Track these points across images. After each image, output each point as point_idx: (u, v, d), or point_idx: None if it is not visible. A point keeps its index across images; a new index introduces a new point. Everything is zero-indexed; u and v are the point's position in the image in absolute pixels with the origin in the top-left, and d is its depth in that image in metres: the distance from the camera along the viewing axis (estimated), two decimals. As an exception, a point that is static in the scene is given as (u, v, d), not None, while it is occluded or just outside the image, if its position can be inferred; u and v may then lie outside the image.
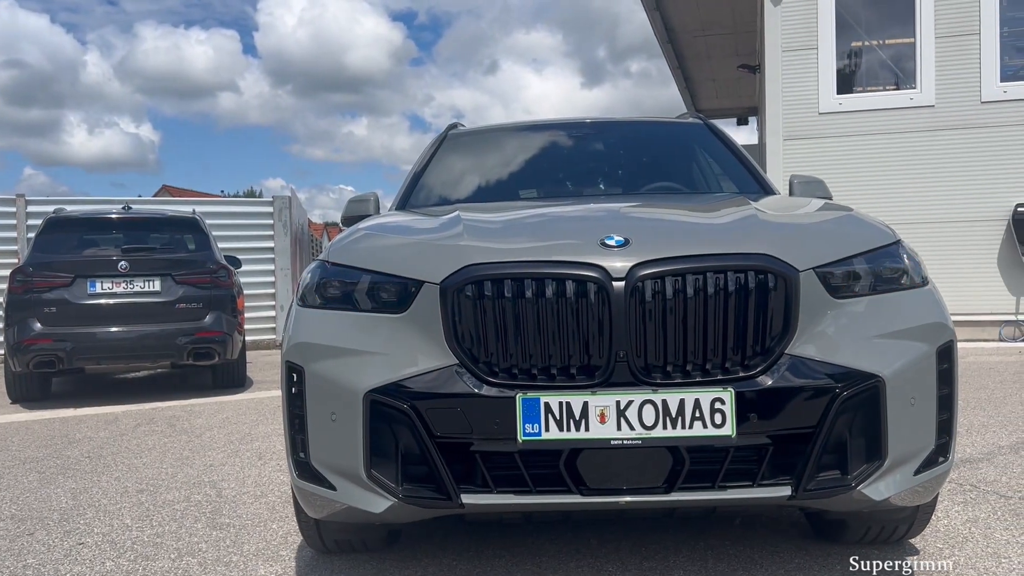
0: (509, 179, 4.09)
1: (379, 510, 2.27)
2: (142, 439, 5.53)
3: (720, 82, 18.50)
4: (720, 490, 2.17)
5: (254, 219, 12.81)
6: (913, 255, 2.53)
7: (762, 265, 2.20)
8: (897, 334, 2.30)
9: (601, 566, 2.74)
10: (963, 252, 9.75)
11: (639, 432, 2.11)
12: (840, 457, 2.21)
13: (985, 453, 4.20)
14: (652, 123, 4.56)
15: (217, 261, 7.81)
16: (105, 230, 8.05)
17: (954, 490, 3.52)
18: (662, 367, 2.16)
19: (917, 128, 10.01)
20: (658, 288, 2.16)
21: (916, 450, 2.28)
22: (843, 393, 2.16)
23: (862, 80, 10.75)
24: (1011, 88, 9.79)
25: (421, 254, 2.46)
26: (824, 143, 10.23)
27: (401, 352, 2.28)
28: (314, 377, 2.36)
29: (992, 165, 9.77)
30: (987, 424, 4.91)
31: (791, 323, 2.20)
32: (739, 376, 2.16)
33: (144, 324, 7.27)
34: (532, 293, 2.17)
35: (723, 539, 2.94)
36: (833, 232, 2.60)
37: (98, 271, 7.31)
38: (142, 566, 2.98)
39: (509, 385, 2.17)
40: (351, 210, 3.88)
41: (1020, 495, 3.42)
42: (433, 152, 4.22)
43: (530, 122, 4.65)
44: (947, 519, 3.13)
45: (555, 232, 2.61)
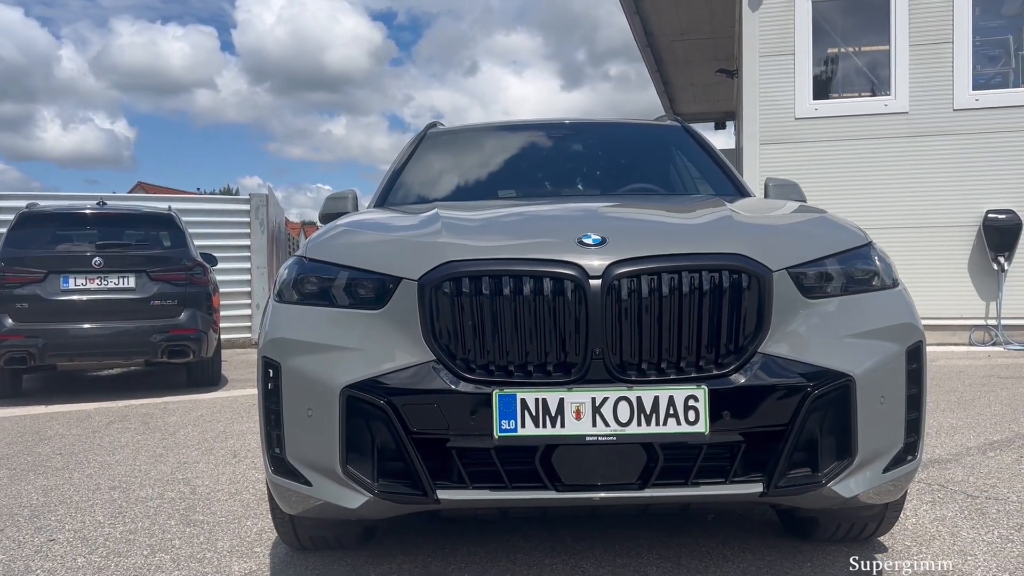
0: (488, 179, 4.10)
1: (355, 506, 2.28)
2: (115, 436, 5.48)
3: (698, 86, 18.64)
4: (693, 487, 2.20)
5: (231, 217, 12.73)
6: (884, 257, 2.58)
7: (736, 265, 2.23)
8: (868, 334, 2.34)
9: (576, 563, 2.76)
10: (935, 257, 9.90)
11: (614, 429, 2.13)
12: (811, 455, 2.24)
13: (953, 454, 4.27)
14: (630, 125, 4.60)
15: (193, 258, 7.76)
16: (79, 225, 7.96)
17: (922, 490, 3.58)
18: (637, 365, 2.18)
19: (891, 134, 10.15)
20: (634, 287, 2.18)
21: (885, 448, 2.32)
22: (814, 392, 2.19)
23: (838, 86, 10.88)
24: (983, 96, 9.95)
25: (399, 251, 2.47)
26: (800, 147, 10.35)
27: (378, 348, 2.29)
28: (290, 372, 2.36)
29: (964, 172, 9.93)
30: (956, 426, 5.00)
31: (764, 322, 2.23)
32: (713, 374, 2.19)
33: (118, 321, 7.20)
34: (510, 290, 2.19)
35: (695, 536, 2.97)
36: (806, 233, 2.64)
37: (71, 267, 7.23)
38: (114, 562, 2.96)
39: (486, 382, 2.19)
40: (329, 207, 3.87)
41: (986, 495, 3.49)
42: (412, 151, 4.22)
43: (510, 122, 4.67)
44: (915, 518, 3.19)
45: (533, 230, 2.63)
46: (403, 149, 4.31)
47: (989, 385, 6.72)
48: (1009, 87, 10.18)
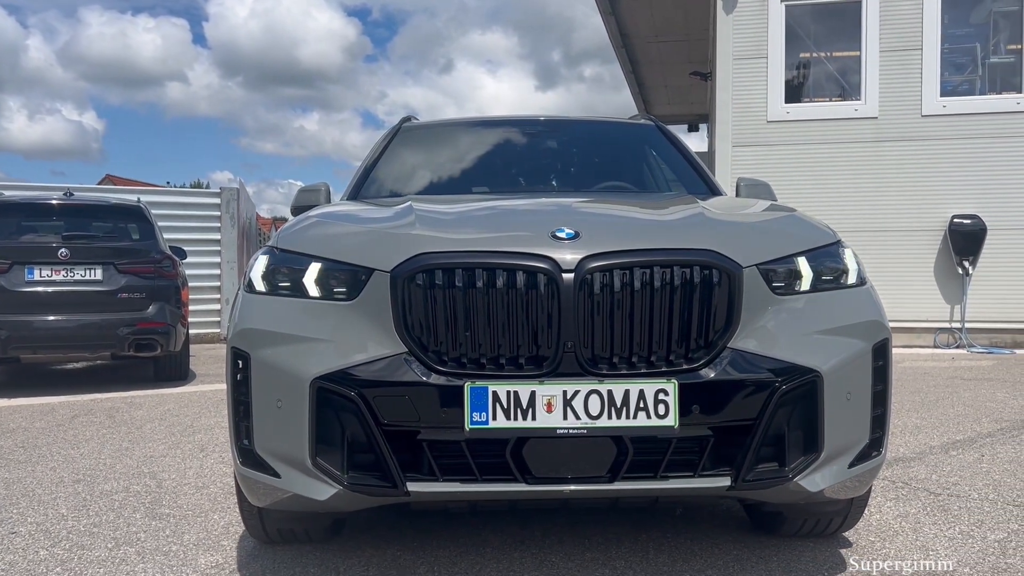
0: (462, 174, 4.09)
1: (324, 498, 2.26)
2: (79, 430, 5.39)
3: (672, 88, 18.76)
4: (662, 480, 2.22)
5: (201, 210, 12.58)
6: (853, 255, 2.62)
7: (707, 261, 2.25)
8: (835, 331, 2.38)
9: (544, 556, 2.77)
10: (901, 261, 10.05)
11: (585, 422, 2.14)
12: (778, 449, 2.27)
13: (917, 453, 4.34)
14: (605, 123, 4.61)
15: (162, 251, 7.66)
16: (45, 216, 7.83)
17: (887, 487, 3.63)
18: (608, 358, 2.20)
19: (861, 139, 10.29)
20: (607, 281, 2.19)
21: (851, 444, 2.36)
22: (782, 387, 2.22)
23: (809, 91, 11.01)
24: (950, 103, 10.12)
25: (372, 242, 2.46)
26: (771, 150, 10.45)
27: (349, 340, 2.28)
28: (260, 363, 2.34)
29: (930, 177, 10.09)
30: (920, 426, 5.08)
31: (734, 318, 2.26)
32: (683, 368, 2.20)
33: (84, 313, 7.08)
34: (483, 283, 2.19)
35: (664, 531, 3.00)
36: (776, 231, 2.67)
37: (37, 258, 7.10)
38: (77, 555, 2.91)
39: (457, 374, 2.19)
40: (301, 200, 3.84)
41: (949, 492, 3.55)
42: (386, 145, 4.20)
43: (485, 118, 4.67)
44: (879, 514, 3.24)
45: (507, 224, 2.63)
46: (377, 143, 4.29)
47: (952, 386, 6.84)
48: (976, 94, 10.36)
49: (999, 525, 3.08)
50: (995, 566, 2.66)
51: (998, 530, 3.03)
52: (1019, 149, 9.91)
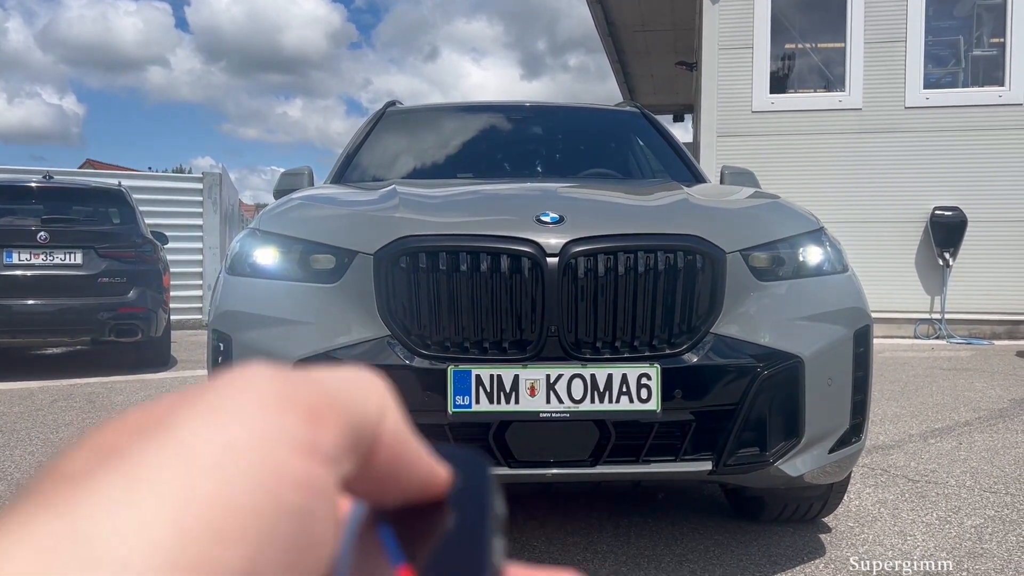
0: (446, 159, 4.08)
1: (305, 481, 2.25)
2: (59, 415, 5.35)
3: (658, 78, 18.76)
4: (644, 464, 2.22)
5: (183, 195, 12.47)
6: (835, 242, 2.63)
7: (691, 246, 2.25)
8: (817, 317, 2.39)
9: (527, 540, 2.77)
10: (883, 251, 10.11)
11: (567, 406, 2.14)
12: (759, 434, 2.28)
13: (896, 440, 4.38)
14: (591, 110, 4.61)
15: (143, 235, 7.59)
16: (24, 199, 7.72)
17: (866, 474, 3.66)
18: (592, 343, 2.20)
19: (844, 130, 10.33)
20: (591, 265, 2.19)
21: (831, 429, 2.37)
22: (764, 372, 2.23)
23: (794, 81, 11.04)
24: (933, 95, 10.18)
25: (355, 224, 2.44)
26: (756, 140, 10.48)
27: (332, 322, 2.27)
28: (242, 346, 2.32)
29: (913, 168, 10.15)
30: (899, 414, 5.13)
31: (717, 303, 2.26)
32: (665, 353, 2.21)
33: (64, 298, 7.01)
34: (466, 266, 2.18)
35: (645, 516, 3.01)
36: (760, 217, 2.68)
37: (15, 241, 7.01)
38: (56, 539, 2.89)
39: (441, 357, 2.18)
40: (284, 184, 3.81)
41: (927, 479, 3.59)
42: (370, 129, 4.18)
43: (470, 103, 4.64)
44: (859, 500, 3.26)
45: (491, 208, 2.62)
46: (361, 127, 4.27)
47: (932, 376, 6.90)
48: (959, 87, 10.42)
49: (976, 511, 3.12)
50: (971, 551, 2.69)
51: (975, 516, 3.06)
52: (1000, 142, 9.99)
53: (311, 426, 0.21)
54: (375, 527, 0.25)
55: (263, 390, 0.22)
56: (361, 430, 0.23)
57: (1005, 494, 3.34)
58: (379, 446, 0.24)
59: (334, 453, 0.22)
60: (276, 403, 0.21)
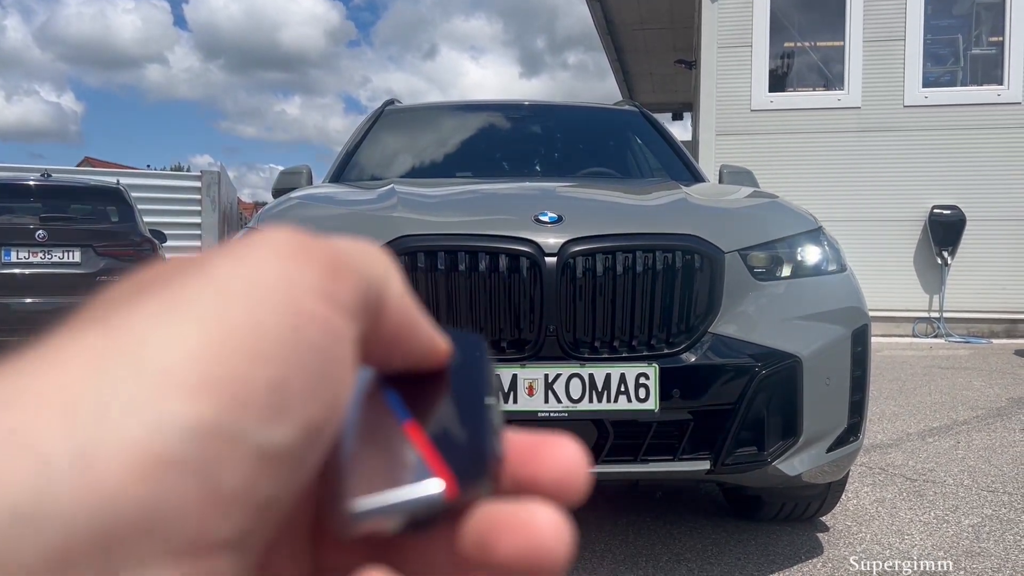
0: (445, 158, 4.08)
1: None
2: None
3: (657, 77, 18.76)
4: (642, 463, 2.23)
5: (181, 194, 12.49)
6: (833, 242, 2.63)
7: (690, 246, 2.25)
8: (815, 316, 2.39)
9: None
10: (882, 250, 10.12)
11: (566, 405, 2.15)
12: (757, 433, 2.28)
13: (894, 439, 4.38)
14: (589, 108, 4.61)
15: (141, 233, 7.59)
16: (23, 197, 7.72)
17: (864, 473, 3.67)
18: (590, 342, 2.20)
19: (843, 129, 10.34)
20: (589, 265, 2.19)
21: (829, 428, 2.38)
22: (762, 372, 2.23)
23: (793, 80, 11.03)
24: (932, 94, 10.18)
25: (353, 224, 2.44)
26: (755, 139, 10.48)
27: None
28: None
29: (912, 167, 10.15)
30: (897, 413, 5.13)
31: (715, 303, 2.26)
32: (664, 352, 2.21)
33: (62, 296, 7.00)
34: (465, 266, 2.19)
35: (643, 515, 3.01)
36: (758, 217, 2.68)
37: (14, 239, 7.01)
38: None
39: None
40: (283, 182, 3.82)
41: (924, 478, 3.59)
42: (369, 128, 4.18)
43: (468, 102, 4.64)
44: (856, 499, 3.27)
45: (489, 208, 2.62)
46: (360, 126, 4.27)
47: (930, 375, 6.91)
48: (957, 86, 10.42)
49: (973, 510, 3.13)
50: (969, 550, 2.70)
51: (972, 515, 3.07)
52: (999, 141, 9.99)
53: (329, 277, 0.23)
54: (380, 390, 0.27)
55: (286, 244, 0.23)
56: (370, 290, 0.24)
57: (1003, 493, 3.35)
58: (386, 310, 0.25)
59: (350, 306, 0.23)
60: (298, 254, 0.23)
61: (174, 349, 0.20)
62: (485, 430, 0.26)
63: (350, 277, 0.24)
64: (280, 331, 0.21)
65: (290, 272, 0.22)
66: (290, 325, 0.21)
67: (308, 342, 0.21)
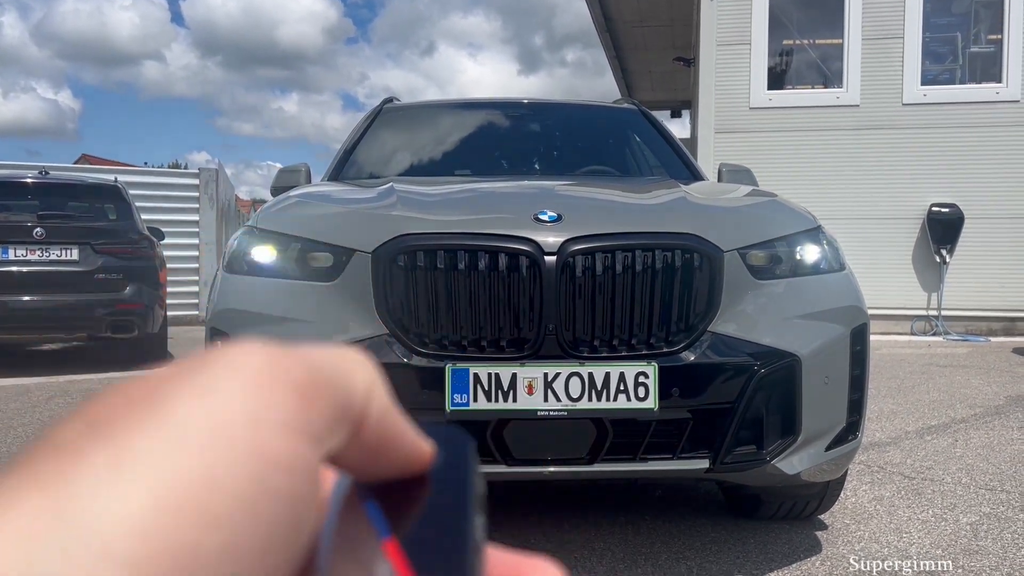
0: (444, 156, 4.07)
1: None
2: (56, 411, 5.34)
3: (656, 74, 18.75)
4: (641, 462, 2.23)
5: (179, 191, 12.45)
6: (832, 241, 2.63)
7: (689, 245, 2.26)
8: (814, 315, 2.39)
9: (524, 537, 2.78)
10: (880, 248, 10.12)
11: (565, 404, 2.15)
12: (756, 432, 2.29)
13: (893, 438, 4.39)
14: (588, 107, 4.61)
15: (139, 231, 7.57)
16: (20, 195, 7.71)
17: (862, 471, 3.67)
18: (589, 341, 2.20)
19: (842, 126, 10.34)
20: (588, 264, 2.19)
21: (828, 427, 2.38)
22: (761, 370, 2.23)
23: (792, 78, 11.03)
24: (930, 92, 10.18)
25: (353, 222, 2.45)
26: (754, 137, 10.48)
27: (330, 320, 2.27)
28: (240, 344, 2.32)
29: (910, 165, 10.16)
30: (896, 411, 5.14)
31: (714, 301, 2.27)
32: (663, 351, 2.21)
33: (60, 294, 7.00)
34: (464, 265, 2.19)
35: (642, 514, 3.02)
36: (757, 216, 2.68)
37: (11, 237, 6.99)
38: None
39: (439, 356, 2.18)
40: (281, 180, 3.81)
41: (923, 476, 3.60)
42: (367, 126, 4.17)
43: (467, 100, 4.64)
44: (855, 497, 3.27)
45: (489, 206, 2.62)
46: (358, 124, 4.26)
47: (928, 373, 6.92)
48: (956, 83, 10.42)
49: (971, 508, 3.13)
50: (967, 548, 2.70)
51: (970, 513, 3.07)
52: (997, 138, 10.00)
53: (300, 404, 0.22)
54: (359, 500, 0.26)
55: (254, 367, 0.22)
56: (349, 407, 0.23)
57: (1001, 491, 3.35)
58: (366, 422, 0.24)
59: (322, 431, 0.22)
60: (266, 381, 0.21)
61: (116, 517, 0.18)
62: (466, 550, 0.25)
63: (325, 398, 0.22)
64: (238, 485, 0.19)
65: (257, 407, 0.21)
66: (252, 476, 0.20)
67: (272, 492, 0.20)
